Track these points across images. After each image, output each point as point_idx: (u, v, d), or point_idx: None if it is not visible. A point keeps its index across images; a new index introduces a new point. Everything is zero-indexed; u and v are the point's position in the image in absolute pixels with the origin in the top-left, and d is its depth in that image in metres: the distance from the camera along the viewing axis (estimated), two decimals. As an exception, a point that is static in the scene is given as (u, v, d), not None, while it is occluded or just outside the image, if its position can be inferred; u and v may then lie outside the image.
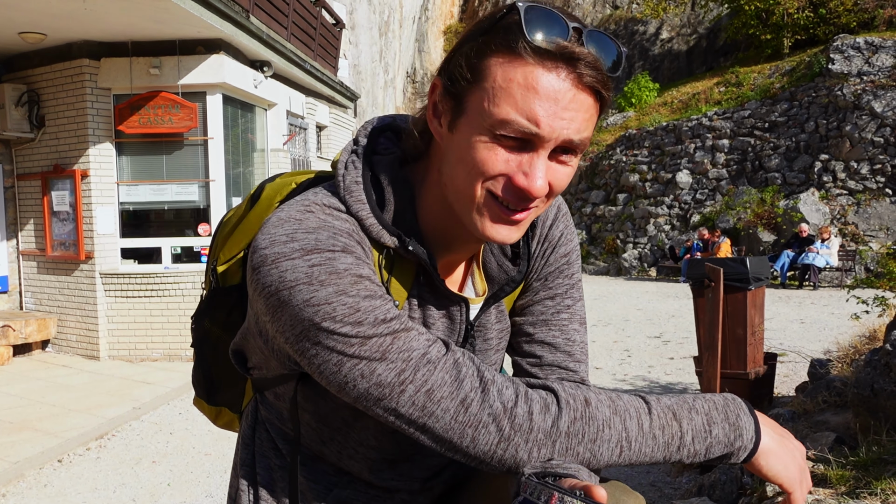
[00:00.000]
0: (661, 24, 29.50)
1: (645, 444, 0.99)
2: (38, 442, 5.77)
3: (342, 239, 0.97)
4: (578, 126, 0.92)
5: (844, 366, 5.21)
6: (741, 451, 1.02)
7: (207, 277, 1.38)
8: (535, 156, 0.93)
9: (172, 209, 9.05)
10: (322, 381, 0.97)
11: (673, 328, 10.58)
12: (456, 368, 0.95)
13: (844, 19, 21.43)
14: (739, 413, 1.03)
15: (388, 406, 0.95)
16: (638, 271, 19.70)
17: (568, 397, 0.98)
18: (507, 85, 0.91)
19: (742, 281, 5.08)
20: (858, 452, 2.87)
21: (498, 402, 0.95)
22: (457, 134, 0.97)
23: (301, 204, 1.02)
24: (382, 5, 23.75)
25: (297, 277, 0.93)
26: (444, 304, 1.13)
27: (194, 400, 1.55)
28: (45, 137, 8.86)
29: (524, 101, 0.90)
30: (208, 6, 7.52)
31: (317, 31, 12.09)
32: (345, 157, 1.09)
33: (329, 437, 1.18)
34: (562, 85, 0.90)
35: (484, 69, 0.93)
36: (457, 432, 0.95)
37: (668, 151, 21.06)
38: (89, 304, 8.73)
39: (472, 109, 0.94)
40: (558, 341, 1.21)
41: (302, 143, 12.17)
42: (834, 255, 15.55)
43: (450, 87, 0.97)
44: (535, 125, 0.90)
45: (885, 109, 16.65)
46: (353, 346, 0.93)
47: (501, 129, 0.92)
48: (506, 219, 0.97)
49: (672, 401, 1.03)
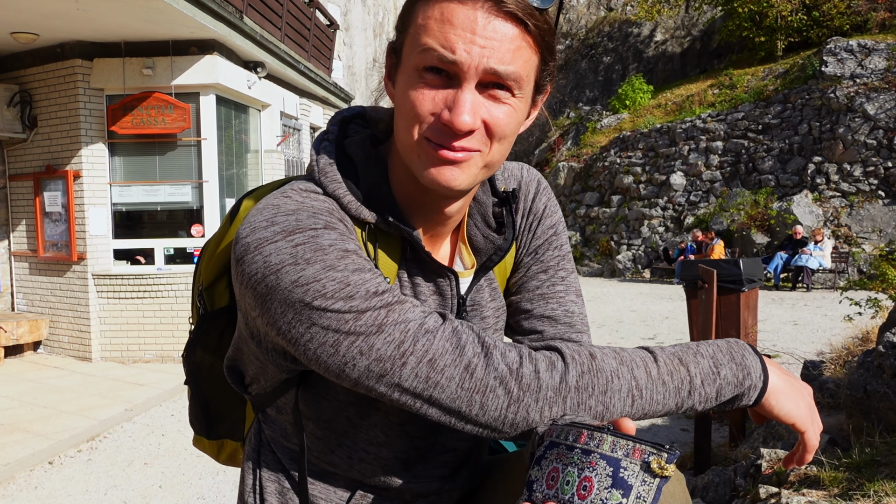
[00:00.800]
0: (655, 27, 29.56)
1: (655, 392, 0.97)
2: (29, 444, 5.74)
3: (323, 217, 0.96)
4: (501, 56, 0.91)
5: (837, 367, 5.22)
6: (751, 390, 0.99)
7: (194, 307, 1.34)
8: (459, 90, 0.92)
9: (165, 210, 9.03)
10: (320, 367, 0.94)
11: (667, 330, 10.59)
12: (456, 336, 0.93)
13: (837, 22, 21.52)
14: (744, 353, 1.01)
15: (392, 381, 0.91)
16: (632, 273, 19.71)
17: (573, 353, 0.96)
18: (425, 22, 0.92)
19: (735, 283, 5.09)
20: (851, 454, 2.87)
21: (503, 364, 0.92)
22: (397, 87, 0.99)
23: (277, 192, 1.01)
24: (377, 6, 23.74)
25: (282, 259, 0.91)
26: (432, 278, 1.11)
27: (194, 440, 1.51)
28: (37, 138, 8.82)
29: (440, 31, 0.91)
30: (201, 7, 7.50)
31: (311, 31, 12.07)
32: (316, 144, 1.09)
33: (337, 444, 1.14)
34: (476, 13, 0.90)
35: (410, 16, 0.96)
36: (464, 400, 0.92)
37: (662, 153, 21.10)
38: (81, 306, 8.70)
39: (405, 57, 0.97)
40: (557, 314, 1.20)
41: (296, 144, 12.15)
42: (827, 256, 15.60)
43: (392, 45, 1.01)
44: (451, 52, 0.90)
45: (878, 112, 16.71)
46: (347, 323, 0.90)
47: (423, 62, 0.92)
48: (442, 158, 0.96)
49: (676, 348, 1.02)
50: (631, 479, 0.81)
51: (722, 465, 4.10)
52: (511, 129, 0.98)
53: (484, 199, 1.17)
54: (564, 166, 23.76)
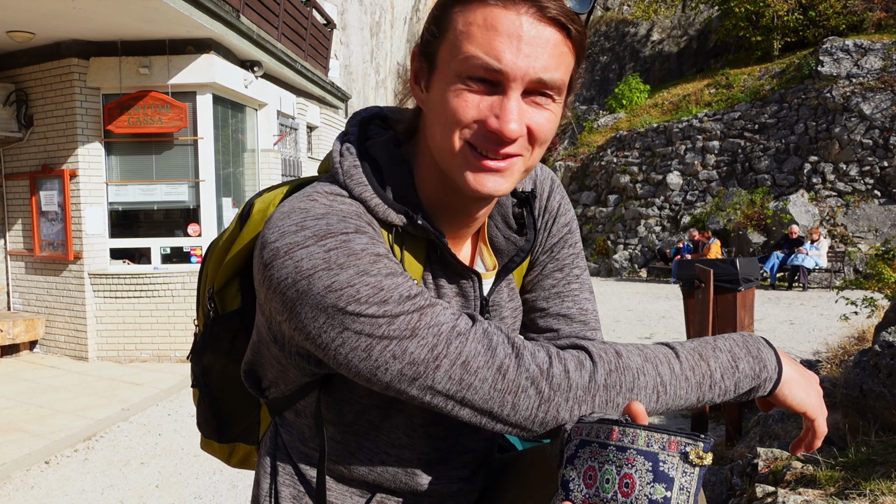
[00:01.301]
0: (652, 26, 29.60)
1: (679, 387, 0.99)
2: (26, 443, 5.73)
3: (353, 221, 0.96)
4: (546, 63, 0.91)
5: (833, 367, 5.23)
6: (767, 382, 1.03)
7: (202, 310, 1.33)
8: (505, 98, 0.92)
9: (162, 209, 9.01)
10: (350, 371, 0.94)
11: (664, 329, 10.61)
12: (486, 338, 0.94)
13: (833, 22, 21.58)
14: (759, 346, 1.04)
15: (425, 384, 0.92)
16: (629, 272, 19.74)
17: (600, 352, 0.98)
18: (467, 29, 0.92)
19: (732, 282, 5.10)
20: (847, 453, 2.88)
21: (533, 364, 0.94)
22: (432, 92, 0.98)
23: (303, 194, 1.00)
24: (374, 6, 23.73)
25: (314, 265, 0.90)
26: (456, 280, 1.12)
27: (202, 443, 1.50)
28: (33, 137, 8.80)
29: (485, 39, 0.90)
30: (198, 6, 7.49)
31: (308, 31, 12.06)
32: (338, 145, 1.08)
33: (357, 447, 1.13)
34: (522, 19, 0.90)
35: (447, 21, 0.94)
36: (497, 401, 0.93)
37: (659, 153, 21.14)
38: (78, 305, 8.68)
39: (442, 62, 0.96)
40: (573, 312, 1.22)
41: (292, 143, 12.14)
42: (823, 256, 15.63)
43: (423, 49, 0.99)
44: (497, 60, 0.90)
45: (874, 112, 16.76)
46: (381, 327, 0.90)
47: (466, 71, 0.92)
48: (487, 168, 0.96)
49: (695, 343, 1.04)
50: (672, 472, 0.81)
51: (718, 464, 4.10)
52: (551, 133, 0.98)
53: (504, 201, 1.18)
54: (561, 165, 23.78)
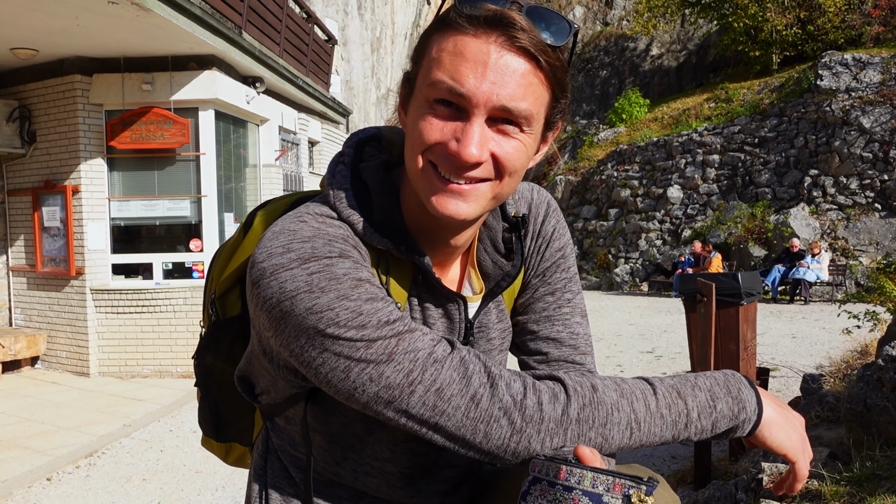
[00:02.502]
0: (651, 41, 29.74)
1: (654, 424, 1.00)
2: (27, 460, 5.71)
3: (338, 245, 0.97)
4: (512, 92, 0.93)
5: (837, 381, 5.22)
6: (745, 423, 1.03)
7: (206, 312, 1.36)
8: (468, 123, 0.94)
9: (164, 225, 9.02)
10: (330, 390, 0.96)
11: (665, 343, 10.59)
12: (463, 366, 0.95)
13: (832, 36, 21.67)
14: (740, 387, 1.04)
15: (399, 408, 0.94)
16: (630, 286, 19.72)
17: (575, 385, 0.99)
18: (439, 55, 0.94)
19: (734, 296, 5.09)
20: (852, 468, 2.87)
21: (507, 395, 0.95)
22: (408, 115, 1.01)
23: (293, 216, 1.02)
24: (374, 22, 23.86)
25: (297, 287, 0.92)
26: (442, 302, 1.13)
27: (202, 440, 1.53)
28: (36, 153, 8.83)
29: (451, 65, 0.93)
30: (201, 22, 7.54)
31: (309, 47, 12.12)
32: (332, 167, 1.11)
33: (342, 457, 1.16)
34: (489, 47, 0.92)
35: (425, 47, 0.98)
36: (469, 429, 0.94)
37: (659, 167, 21.17)
38: (79, 321, 8.68)
39: (417, 87, 0.99)
40: (563, 336, 1.22)
41: (294, 158, 12.18)
42: (824, 269, 15.62)
43: (407, 75, 1.03)
44: (460, 85, 0.92)
45: (874, 125, 16.80)
46: (359, 350, 0.92)
47: (433, 94, 0.94)
48: (449, 190, 0.98)
49: (675, 380, 1.04)
50: None
51: (722, 479, 4.09)
52: (520, 163, 0.99)
53: (494, 224, 1.19)
54: (562, 180, 23.83)
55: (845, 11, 21.78)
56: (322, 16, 15.92)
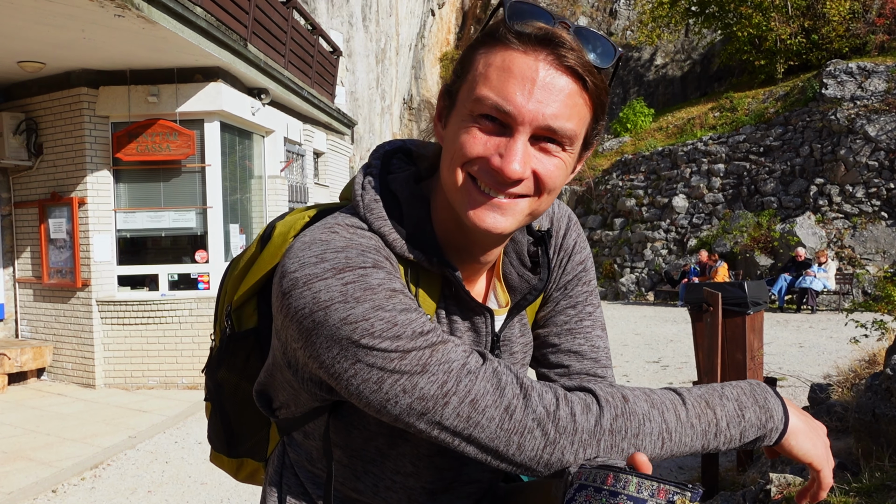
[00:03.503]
0: (656, 51, 29.78)
1: (684, 434, 1.00)
2: (32, 472, 5.71)
3: (371, 255, 0.97)
4: (556, 110, 0.93)
5: (845, 390, 5.19)
6: (773, 432, 1.04)
7: (219, 325, 1.35)
8: (512, 140, 0.94)
9: (170, 236, 9.05)
10: (361, 402, 0.96)
11: (672, 353, 10.55)
12: (496, 377, 0.95)
13: (837, 45, 21.66)
14: (767, 396, 1.05)
15: (433, 419, 0.93)
16: (636, 296, 19.68)
17: (607, 395, 0.99)
18: (486, 70, 0.94)
19: (740, 305, 5.07)
20: (861, 478, 2.85)
21: (541, 406, 0.94)
22: (448, 128, 1.01)
23: (324, 226, 1.02)
24: (379, 33, 23.96)
25: (331, 297, 0.92)
26: (469, 315, 1.13)
27: (211, 456, 1.52)
28: (42, 165, 8.87)
29: (499, 81, 0.93)
30: (206, 35, 7.58)
31: (314, 58, 12.18)
32: (360, 178, 1.10)
33: (363, 471, 1.15)
34: (537, 65, 0.92)
35: (470, 62, 0.98)
36: (503, 440, 0.94)
37: (665, 176, 21.16)
38: (85, 332, 8.69)
39: (460, 101, 0.98)
40: (584, 349, 1.22)
41: (299, 169, 12.21)
42: (831, 278, 15.56)
43: (447, 88, 1.03)
44: (507, 101, 0.92)
45: (879, 133, 16.77)
46: (393, 361, 0.92)
47: (479, 109, 0.94)
48: (487, 203, 0.98)
49: (702, 390, 1.05)
50: None
51: (730, 489, 4.06)
52: (560, 181, 1.00)
53: (520, 238, 1.19)
54: (567, 189, 23.82)
55: (850, 20, 21.77)
56: (327, 27, 16.00)
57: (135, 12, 6.27)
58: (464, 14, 34.50)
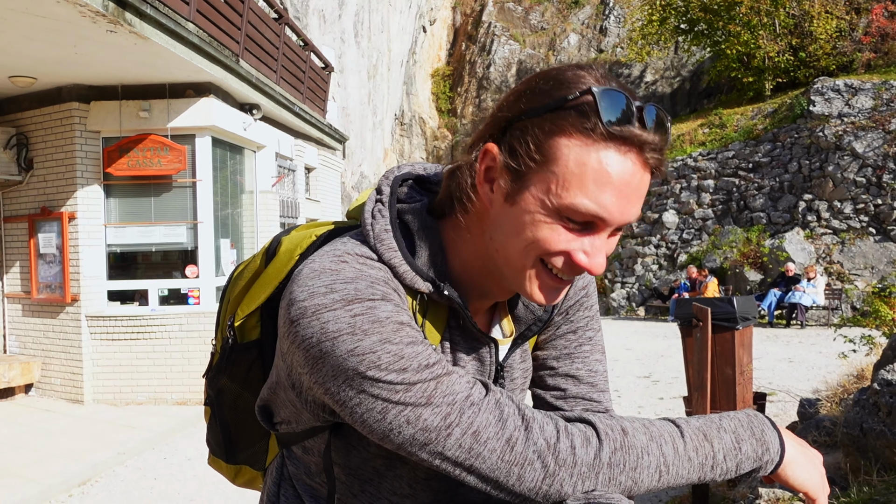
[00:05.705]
0: (646, 68, 30.01)
1: (681, 467, 1.01)
2: (20, 489, 5.65)
3: (380, 287, 0.98)
4: (638, 209, 0.98)
5: (833, 405, 5.21)
6: (769, 463, 1.05)
7: (221, 335, 1.36)
8: (596, 237, 0.97)
9: (160, 251, 9.02)
10: (364, 429, 0.97)
11: (662, 368, 10.56)
12: (499, 409, 0.96)
13: (824, 62, 21.88)
14: (764, 428, 1.06)
15: (435, 450, 0.95)
16: (626, 311, 19.71)
17: (606, 428, 1.00)
18: (579, 170, 0.92)
19: (730, 321, 5.10)
20: (850, 493, 2.86)
21: (541, 438, 0.96)
22: (515, 207, 0.98)
23: (333, 254, 1.02)
24: (371, 49, 24.07)
25: (339, 328, 0.93)
26: (474, 346, 1.14)
27: (209, 459, 1.52)
28: (32, 180, 8.85)
29: (596, 188, 0.93)
30: (198, 51, 7.60)
31: (306, 74, 12.22)
32: (370, 206, 1.10)
33: (360, 490, 1.16)
34: (632, 169, 0.94)
35: (553, 150, 0.94)
36: (503, 471, 0.95)
37: (655, 191, 21.26)
38: (74, 347, 8.64)
39: (538, 188, 0.95)
40: (581, 373, 1.24)
41: (290, 184, 12.22)
42: (820, 293, 15.63)
43: (509, 163, 0.98)
44: (606, 213, 0.94)
45: (866, 150, 16.92)
46: (398, 393, 0.93)
47: (571, 214, 0.94)
48: (558, 287, 1.02)
49: (700, 422, 1.06)
50: None
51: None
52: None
53: None
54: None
55: (836, 38, 22.01)
56: (319, 43, 16.06)
57: (127, 28, 6.29)
58: (455, 31, 34.71)
